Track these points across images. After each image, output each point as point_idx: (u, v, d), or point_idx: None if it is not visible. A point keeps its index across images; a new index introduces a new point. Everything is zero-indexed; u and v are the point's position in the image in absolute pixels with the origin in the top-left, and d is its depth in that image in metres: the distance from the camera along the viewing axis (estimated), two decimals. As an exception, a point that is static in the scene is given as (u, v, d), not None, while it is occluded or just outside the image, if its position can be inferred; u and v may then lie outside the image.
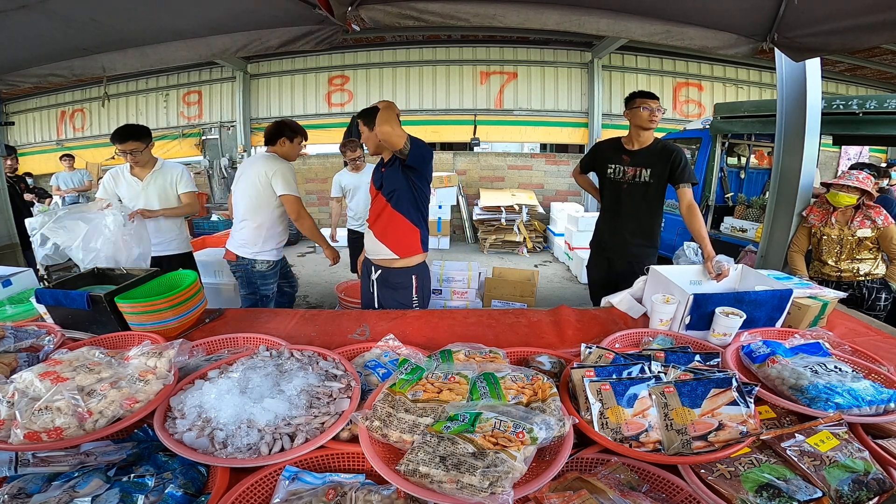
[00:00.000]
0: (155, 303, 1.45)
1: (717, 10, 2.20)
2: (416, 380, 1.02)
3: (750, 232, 4.25)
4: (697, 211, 2.18)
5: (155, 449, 0.95)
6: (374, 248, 2.15)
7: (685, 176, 2.22)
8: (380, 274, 2.16)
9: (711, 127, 4.69)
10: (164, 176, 2.68)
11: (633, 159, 2.31)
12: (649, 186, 2.30)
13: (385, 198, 2.07)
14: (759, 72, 7.61)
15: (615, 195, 2.41)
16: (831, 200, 2.45)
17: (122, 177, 2.63)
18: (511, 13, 2.14)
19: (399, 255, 2.09)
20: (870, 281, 2.46)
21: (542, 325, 1.65)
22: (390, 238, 2.09)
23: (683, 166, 2.23)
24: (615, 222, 2.44)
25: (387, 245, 2.09)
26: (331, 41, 2.29)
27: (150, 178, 2.64)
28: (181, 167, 2.77)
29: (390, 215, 2.06)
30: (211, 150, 8.19)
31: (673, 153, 2.24)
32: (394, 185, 2.04)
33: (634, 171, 2.31)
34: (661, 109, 2.21)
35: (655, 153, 2.28)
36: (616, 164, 2.37)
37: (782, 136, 2.85)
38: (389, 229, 2.08)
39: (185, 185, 2.73)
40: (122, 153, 2.52)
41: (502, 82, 7.55)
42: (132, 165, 2.61)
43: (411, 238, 2.10)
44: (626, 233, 2.39)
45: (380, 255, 2.13)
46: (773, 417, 1.06)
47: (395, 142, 1.85)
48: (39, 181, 7.52)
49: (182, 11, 2.14)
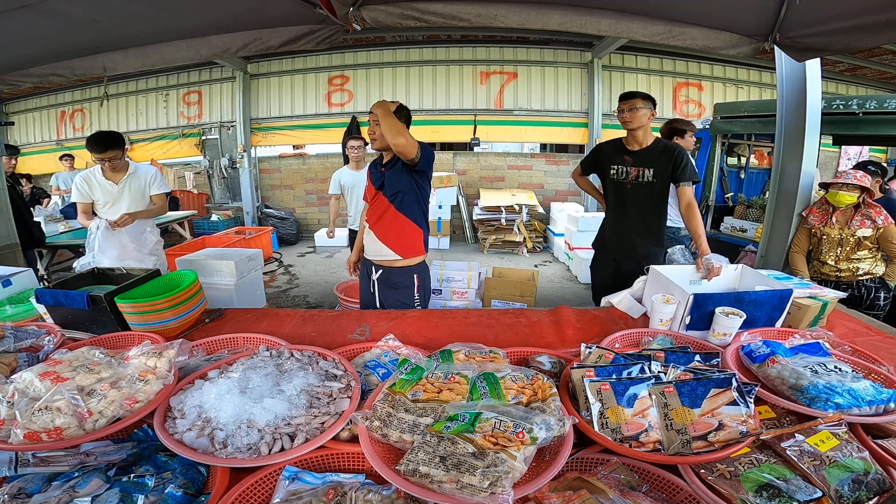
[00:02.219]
0: (155, 303, 1.45)
1: (718, 10, 2.20)
2: (416, 380, 1.02)
3: (750, 232, 4.25)
4: (696, 209, 2.20)
5: (155, 449, 0.95)
6: (375, 249, 2.14)
7: (686, 174, 2.23)
8: (381, 274, 2.16)
9: (711, 127, 4.69)
10: (139, 179, 2.72)
11: (636, 159, 2.31)
12: (653, 186, 2.30)
13: (388, 199, 2.06)
14: (759, 72, 7.61)
15: (619, 196, 2.40)
16: (832, 200, 2.44)
17: (94, 180, 2.65)
18: (513, 13, 2.14)
19: (402, 256, 2.09)
20: (869, 280, 2.46)
21: (542, 325, 1.65)
22: (393, 239, 2.09)
23: (684, 165, 2.23)
24: (621, 223, 2.43)
25: (390, 246, 2.09)
26: (331, 41, 2.29)
27: (126, 181, 2.67)
28: (154, 169, 2.83)
29: (394, 217, 2.06)
30: (211, 150, 8.19)
31: (674, 152, 2.24)
32: (397, 187, 2.03)
33: (637, 171, 2.31)
34: (635, 109, 2.21)
35: (657, 153, 2.28)
36: (619, 165, 2.36)
37: (782, 136, 2.85)
38: (393, 231, 2.08)
39: (157, 187, 2.78)
40: (101, 161, 2.55)
41: (502, 82, 7.55)
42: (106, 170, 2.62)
43: (415, 239, 2.11)
44: (632, 233, 2.38)
45: (382, 256, 2.12)
46: (773, 417, 1.06)
47: (409, 153, 1.87)
48: (39, 181, 7.52)
49: (183, 11, 2.14)
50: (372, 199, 2.16)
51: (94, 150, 2.52)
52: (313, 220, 8.24)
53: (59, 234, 4.27)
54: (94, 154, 2.53)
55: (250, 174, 7.95)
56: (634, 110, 2.20)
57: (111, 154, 2.54)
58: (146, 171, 2.77)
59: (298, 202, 8.29)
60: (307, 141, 8.15)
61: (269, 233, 6.93)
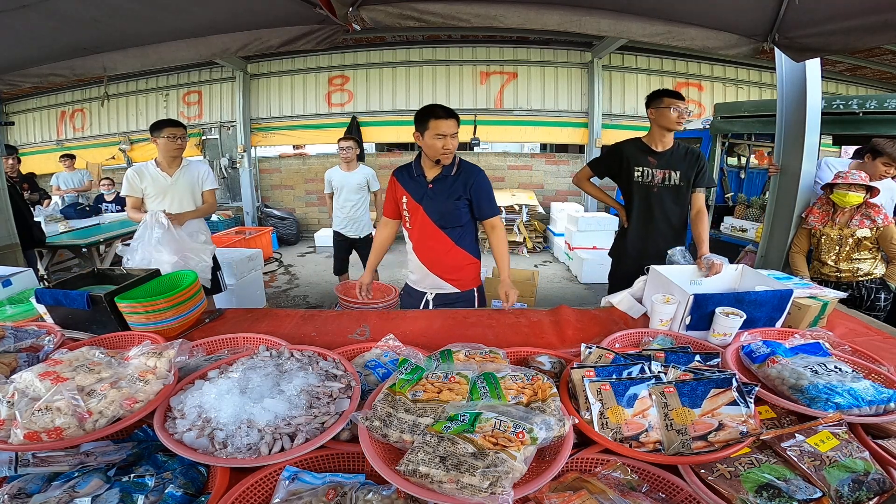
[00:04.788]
0: (155, 303, 1.45)
1: (717, 11, 2.20)
2: (416, 380, 1.02)
3: (750, 232, 4.25)
4: (706, 215, 2.18)
5: (155, 449, 0.94)
6: (433, 284, 2.04)
7: (705, 180, 2.19)
8: (436, 296, 2.08)
9: (711, 127, 4.70)
10: (191, 173, 2.74)
11: (661, 161, 2.20)
12: (679, 189, 2.20)
13: (446, 233, 1.96)
14: (759, 72, 7.61)
15: (645, 200, 2.26)
16: (839, 202, 2.40)
17: (146, 173, 2.66)
18: (512, 14, 2.15)
19: (461, 290, 2.04)
20: (869, 281, 2.46)
21: (542, 325, 1.65)
22: (455, 275, 2.02)
23: (705, 170, 2.19)
24: (648, 229, 2.28)
25: (450, 283, 2.03)
26: (331, 41, 2.29)
27: (179, 173, 2.69)
28: (206, 166, 2.85)
29: (454, 253, 1.98)
30: (211, 150, 8.19)
31: (698, 156, 2.19)
32: (458, 221, 1.95)
33: (664, 173, 2.20)
34: (689, 111, 2.11)
35: (681, 155, 2.20)
36: (644, 167, 2.23)
37: (782, 136, 2.85)
38: (452, 268, 2.01)
39: (210, 183, 2.80)
40: (172, 137, 2.59)
41: (502, 82, 7.55)
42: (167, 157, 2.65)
43: (475, 270, 2.05)
44: (660, 240, 2.23)
45: (441, 290, 2.05)
46: (773, 417, 1.06)
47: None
48: (39, 181, 7.52)
49: (183, 11, 2.14)
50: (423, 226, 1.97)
51: (165, 126, 2.58)
52: (313, 220, 8.25)
53: (59, 234, 4.27)
54: (168, 129, 2.58)
55: (250, 174, 7.95)
56: (689, 112, 2.12)
57: (181, 132, 2.63)
58: (198, 166, 2.79)
59: (298, 202, 8.29)
60: (307, 141, 8.16)
61: (269, 233, 6.93)
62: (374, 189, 4.03)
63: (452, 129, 1.81)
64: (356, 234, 3.97)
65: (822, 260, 2.53)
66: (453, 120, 1.83)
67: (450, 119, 1.82)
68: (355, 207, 3.91)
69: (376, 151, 8.54)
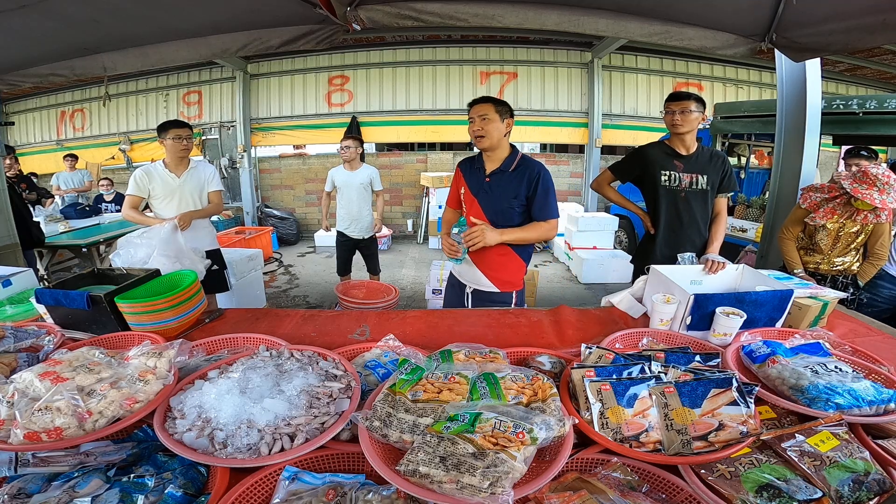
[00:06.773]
0: (155, 303, 1.45)
1: (715, 11, 2.20)
2: (416, 380, 1.02)
3: (750, 232, 4.26)
4: (725, 219, 2.18)
5: (155, 449, 0.94)
6: (473, 277, 2.04)
7: (731, 185, 2.18)
8: (474, 291, 2.07)
9: (711, 127, 4.70)
10: (199, 174, 2.76)
11: (687, 165, 2.16)
12: (706, 194, 2.16)
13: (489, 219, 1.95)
14: (759, 72, 7.61)
15: (673, 205, 2.20)
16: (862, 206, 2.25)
17: (155, 173, 2.67)
18: (510, 13, 2.15)
19: (500, 290, 2.01)
20: (843, 276, 2.44)
21: (542, 325, 1.65)
22: (498, 273, 2.00)
23: (731, 175, 2.17)
24: (676, 235, 2.22)
25: (491, 280, 2.01)
26: (331, 41, 2.29)
27: (187, 174, 2.71)
28: (212, 167, 2.87)
29: (504, 252, 1.96)
30: (211, 150, 8.19)
31: (724, 161, 2.16)
32: (510, 222, 1.92)
33: (691, 177, 2.16)
34: (688, 112, 2.05)
35: (707, 159, 2.16)
36: (670, 171, 2.17)
37: (782, 136, 2.85)
38: (497, 265, 1.99)
39: (216, 184, 2.82)
40: (177, 138, 2.61)
41: (502, 82, 7.55)
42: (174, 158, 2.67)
43: (519, 274, 2.03)
44: (689, 246, 2.17)
45: (480, 286, 2.03)
46: (774, 417, 1.06)
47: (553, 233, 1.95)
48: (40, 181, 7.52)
49: (183, 11, 2.14)
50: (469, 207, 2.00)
51: (171, 127, 2.60)
52: (313, 220, 8.25)
53: (59, 234, 4.27)
54: (174, 131, 2.59)
55: (250, 174, 7.95)
56: (687, 113, 2.06)
57: (187, 132, 2.65)
58: (205, 167, 2.82)
59: (298, 202, 8.29)
60: (307, 141, 8.16)
61: (269, 233, 6.94)
62: (377, 189, 4.00)
63: (478, 112, 1.86)
64: (360, 234, 3.94)
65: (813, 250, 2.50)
66: (479, 105, 1.87)
67: (475, 105, 1.88)
68: (359, 207, 3.90)
69: (376, 151, 8.54)
